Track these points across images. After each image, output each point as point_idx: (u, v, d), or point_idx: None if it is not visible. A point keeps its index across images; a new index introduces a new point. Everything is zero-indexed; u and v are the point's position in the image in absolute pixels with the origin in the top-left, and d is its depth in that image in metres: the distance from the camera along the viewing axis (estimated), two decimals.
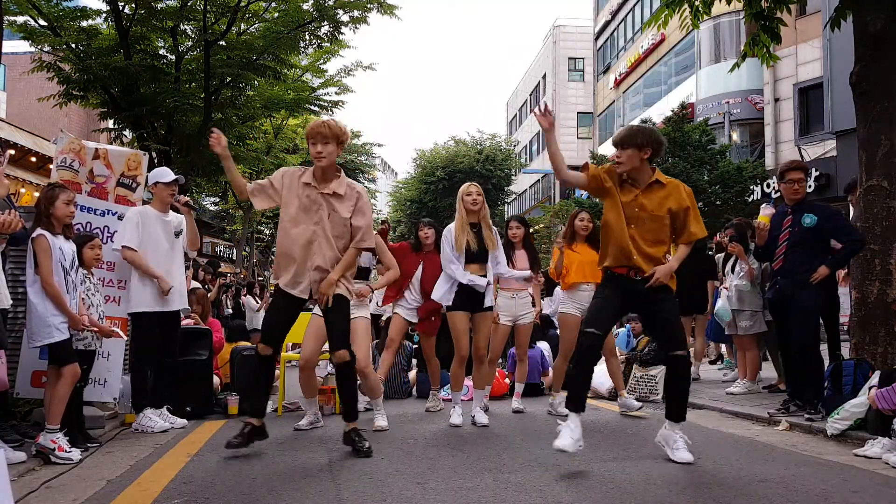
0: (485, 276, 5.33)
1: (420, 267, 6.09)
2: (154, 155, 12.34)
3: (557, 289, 9.69)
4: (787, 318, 5.24)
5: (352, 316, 5.17)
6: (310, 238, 4.24)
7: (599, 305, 4.09)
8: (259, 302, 12.92)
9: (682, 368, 4.02)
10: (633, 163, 4.00)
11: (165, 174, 5.55)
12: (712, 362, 9.03)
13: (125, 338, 5.57)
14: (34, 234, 4.30)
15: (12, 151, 13.70)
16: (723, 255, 7.47)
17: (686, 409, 4.10)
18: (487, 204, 5.53)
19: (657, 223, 4.01)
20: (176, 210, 5.63)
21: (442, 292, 5.33)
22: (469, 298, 5.30)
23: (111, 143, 12.54)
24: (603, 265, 4.13)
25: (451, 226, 5.42)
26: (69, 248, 4.49)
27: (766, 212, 5.55)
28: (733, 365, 8.02)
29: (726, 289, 6.75)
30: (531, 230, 6.25)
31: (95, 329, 4.75)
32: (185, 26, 12.62)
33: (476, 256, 5.31)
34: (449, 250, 5.33)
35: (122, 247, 5.30)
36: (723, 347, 8.87)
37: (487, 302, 5.38)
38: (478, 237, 5.32)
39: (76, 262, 4.56)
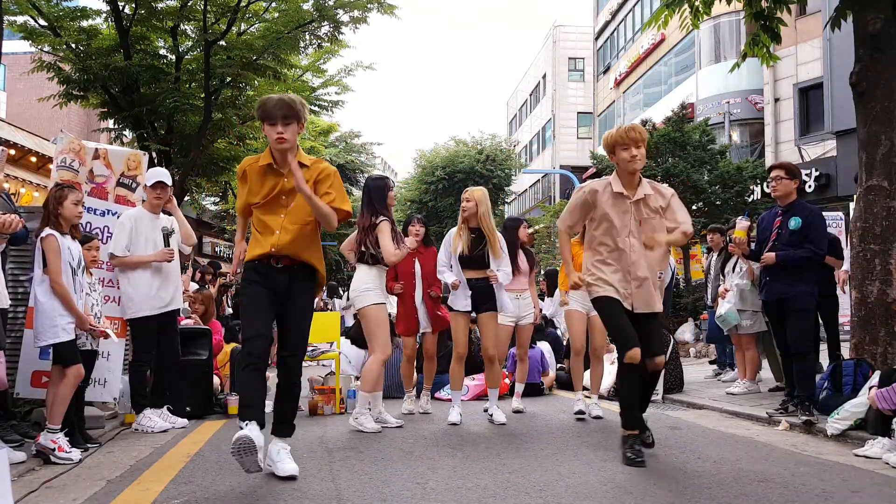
0: (484, 279, 5.36)
1: (416, 264, 6.05)
2: (154, 155, 12.33)
3: (558, 291, 9.69)
4: (782, 319, 5.24)
5: (372, 302, 5.15)
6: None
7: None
8: None
9: (296, 373, 3.76)
10: (295, 140, 3.63)
11: (150, 177, 5.52)
12: (712, 362, 9.03)
13: (125, 339, 5.57)
14: (43, 234, 4.30)
15: (12, 151, 13.71)
16: (722, 256, 7.46)
17: (291, 422, 3.72)
18: None
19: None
20: (167, 212, 5.62)
21: (459, 299, 5.39)
22: (473, 299, 5.36)
23: (111, 143, 12.54)
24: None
25: (453, 230, 5.51)
26: (76, 248, 4.50)
27: (741, 225, 5.59)
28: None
29: (727, 290, 6.74)
30: (531, 230, 6.25)
31: (94, 330, 4.75)
32: (185, 26, 12.60)
33: (469, 261, 5.36)
34: (442, 256, 5.48)
35: (110, 255, 5.30)
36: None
37: (491, 303, 5.40)
38: (475, 242, 5.35)
39: (83, 263, 4.58)
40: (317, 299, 5.13)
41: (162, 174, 5.56)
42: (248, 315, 3.70)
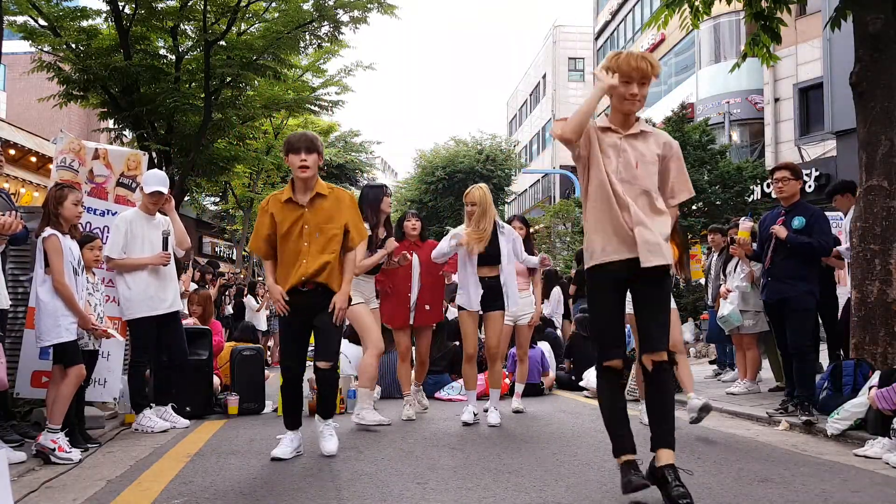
0: (496, 277, 5.36)
1: (415, 258, 5.90)
2: (154, 155, 12.34)
3: (555, 291, 9.70)
4: (783, 319, 5.25)
5: (355, 302, 5.15)
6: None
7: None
8: (259, 302, 12.90)
9: (332, 377, 4.27)
10: (316, 169, 4.12)
11: (147, 183, 5.44)
12: (712, 362, 9.03)
13: (125, 339, 5.57)
14: (45, 234, 4.30)
15: (11, 151, 13.71)
16: (723, 256, 7.46)
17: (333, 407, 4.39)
18: None
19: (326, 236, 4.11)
20: (163, 213, 5.59)
21: (471, 298, 5.34)
22: (483, 297, 5.35)
23: (111, 143, 12.54)
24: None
25: (460, 228, 5.49)
26: (76, 248, 4.50)
27: (744, 226, 5.60)
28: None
29: (728, 290, 6.74)
30: (531, 230, 6.23)
31: (96, 329, 4.75)
32: (185, 26, 12.61)
33: (485, 259, 5.36)
34: (443, 244, 5.44)
35: (106, 258, 5.24)
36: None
37: (500, 302, 5.39)
38: (488, 241, 5.33)
39: (83, 263, 4.58)
40: None
41: (160, 182, 5.43)
42: (284, 344, 4.37)
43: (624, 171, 3.12)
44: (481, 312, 5.41)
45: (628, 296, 3.25)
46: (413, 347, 6.06)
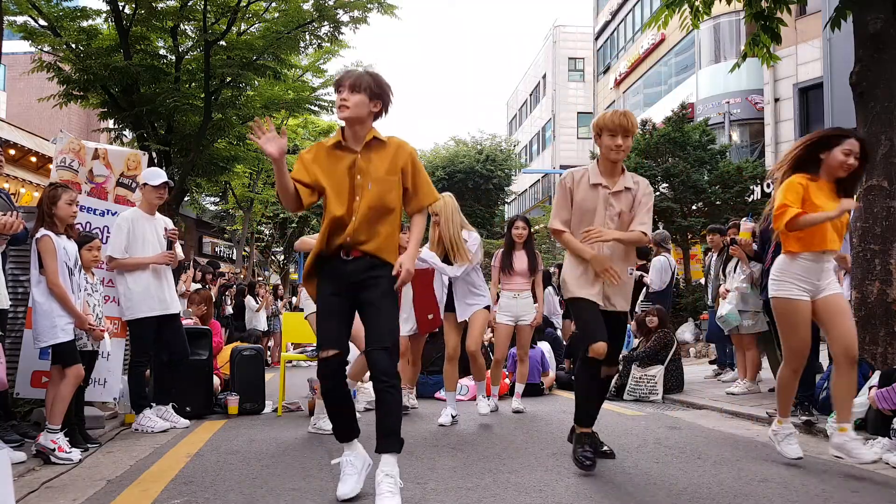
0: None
1: None
2: (154, 155, 12.35)
3: (548, 290, 9.64)
4: None
5: (311, 311, 5.24)
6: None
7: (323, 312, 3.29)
8: (259, 302, 12.91)
9: (384, 362, 3.18)
10: (361, 112, 3.22)
11: (153, 176, 5.45)
12: (712, 362, 9.03)
13: (125, 339, 5.57)
14: (38, 235, 4.30)
15: (11, 151, 13.71)
16: (722, 256, 7.46)
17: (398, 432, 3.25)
18: (487, 204, 5.55)
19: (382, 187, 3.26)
20: (163, 212, 5.60)
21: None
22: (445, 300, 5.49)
23: (111, 143, 12.54)
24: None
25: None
26: (73, 248, 4.49)
27: (745, 227, 5.60)
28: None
29: (728, 290, 6.74)
30: (531, 230, 6.22)
31: (93, 330, 4.75)
32: (185, 26, 12.63)
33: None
34: (436, 261, 5.53)
35: (108, 257, 5.25)
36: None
37: (480, 301, 5.44)
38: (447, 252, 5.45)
39: (79, 262, 4.57)
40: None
41: (164, 173, 5.52)
42: (320, 325, 3.29)
43: (610, 221, 3.82)
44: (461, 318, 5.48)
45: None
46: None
